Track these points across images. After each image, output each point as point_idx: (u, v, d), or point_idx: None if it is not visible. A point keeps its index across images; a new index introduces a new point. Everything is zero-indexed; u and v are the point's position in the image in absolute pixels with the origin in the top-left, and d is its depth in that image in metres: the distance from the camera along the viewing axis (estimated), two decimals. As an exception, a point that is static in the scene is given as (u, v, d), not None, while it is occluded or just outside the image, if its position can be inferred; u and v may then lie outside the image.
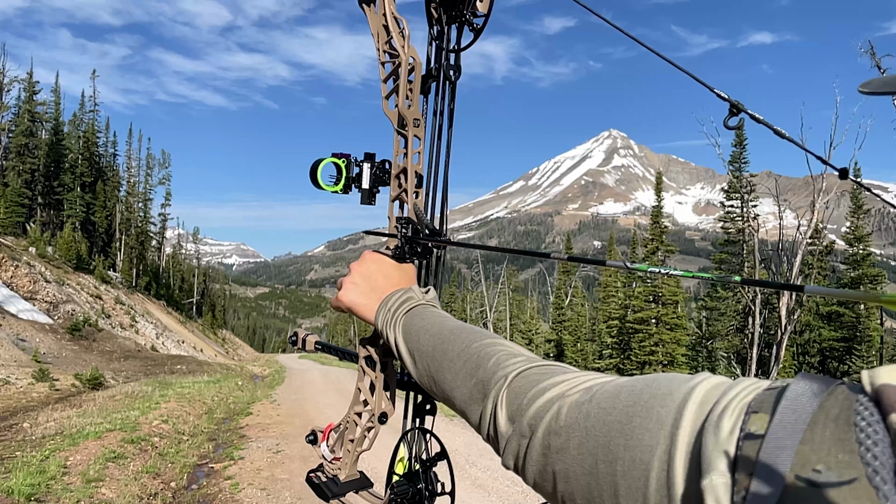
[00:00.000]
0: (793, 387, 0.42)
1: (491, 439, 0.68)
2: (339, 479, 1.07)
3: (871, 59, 18.13)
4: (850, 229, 30.12)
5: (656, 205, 32.10)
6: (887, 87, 0.50)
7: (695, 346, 32.24)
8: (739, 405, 0.43)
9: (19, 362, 17.24)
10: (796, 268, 20.92)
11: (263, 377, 26.50)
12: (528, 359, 0.70)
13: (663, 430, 0.46)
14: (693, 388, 0.48)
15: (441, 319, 0.86)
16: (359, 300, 0.96)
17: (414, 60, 1.06)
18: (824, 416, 0.39)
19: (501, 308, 45.27)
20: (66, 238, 41.46)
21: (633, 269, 0.82)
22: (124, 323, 35.26)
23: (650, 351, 29.83)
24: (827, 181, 21.02)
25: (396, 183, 1.09)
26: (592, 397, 0.54)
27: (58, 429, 8.88)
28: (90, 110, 55.64)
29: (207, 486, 7.30)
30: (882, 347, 28.84)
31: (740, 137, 29.28)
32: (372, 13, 1.10)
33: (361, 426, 1.06)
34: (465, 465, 8.21)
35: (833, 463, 0.36)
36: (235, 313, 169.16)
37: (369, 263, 1.00)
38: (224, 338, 73.91)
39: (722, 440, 0.41)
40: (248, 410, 13.67)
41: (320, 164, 1.09)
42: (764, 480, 0.38)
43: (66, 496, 5.83)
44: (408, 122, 1.07)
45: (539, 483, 0.58)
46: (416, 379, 0.86)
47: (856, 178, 4.01)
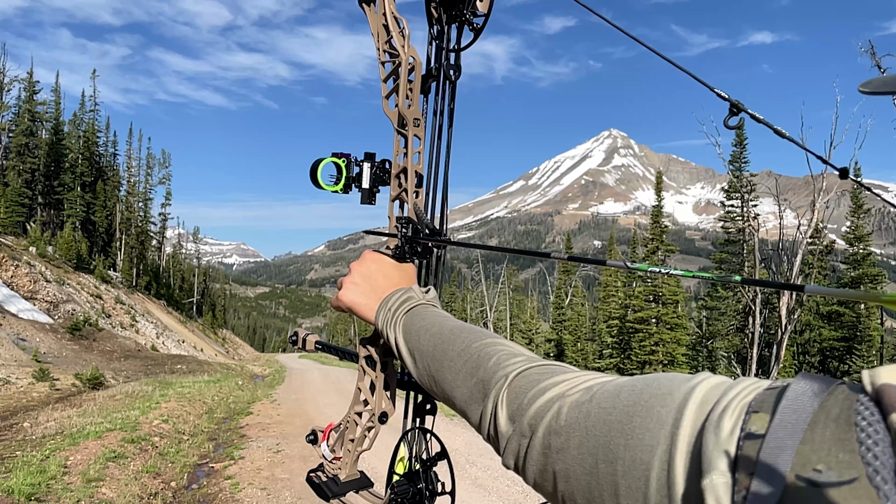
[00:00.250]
0: (793, 386, 0.42)
1: (491, 439, 0.67)
2: (339, 478, 1.07)
3: (872, 58, 18.12)
4: (851, 229, 30.11)
5: (656, 204, 32.07)
6: (887, 86, 0.49)
7: (695, 345, 32.23)
8: (740, 405, 0.43)
9: (20, 362, 17.24)
10: (796, 267, 20.91)
11: (264, 377, 26.51)
12: (529, 358, 0.70)
13: (664, 429, 0.46)
14: (693, 388, 0.48)
15: (441, 319, 0.86)
16: (359, 300, 0.96)
17: (414, 60, 1.06)
18: (825, 415, 0.39)
19: (501, 308, 45.26)
20: (67, 238, 41.46)
21: (633, 268, 0.82)
22: (124, 322, 35.28)
23: (650, 350, 29.82)
24: (827, 181, 21.01)
25: (396, 182, 1.09)
26: (593, 397, 0.54)
27: (58, 428, 8.88)
28: (90, 110, 55.70)
29: (208, 485, 7.30)
30: (882, 347, 28.83)
31: (740, 137, 29.26)
32: (372, 13, 1.10)
33: (362, 426, 1.06)
34: (465, 465, 8.22)
35: (834, 463, 0.36)
36: (236, 313, 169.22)
37: (369, 263, 1.00)
38: (224, 337, 73.92)
39: (722, 440, 0.41)
40: (249, 410, 13.67)
41: (320, 164, 1.09)
42: (764, 480, 0.38)
43: (66, 496, 5.83)
44: (408, 122, 1.07)
45: (539, 483, 0.58)
46: (416, 378, 0.86)
47: (856, 177, 3.98)
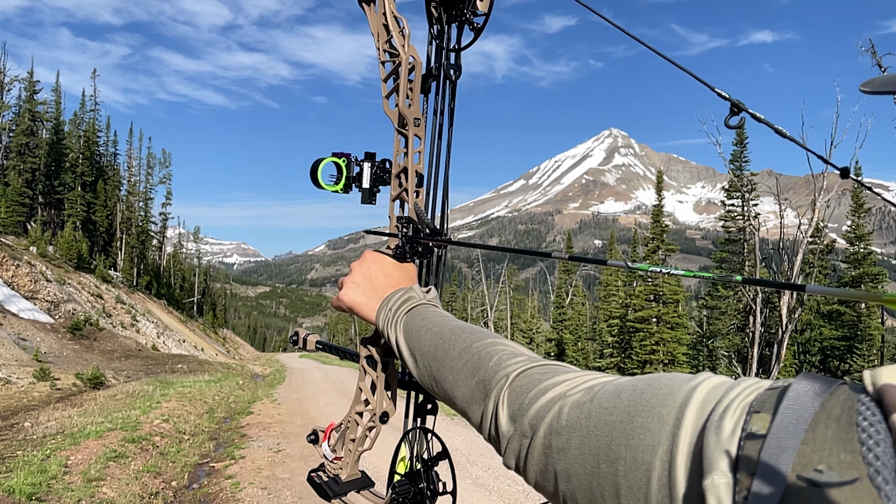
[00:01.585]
0: (794, 387, 0.42)
1: (492, 439, 0.67)
2: (340, 478, 1.07)
3: (872, 57, 18.10)
4: (851, 228, 30.10)
5: (657, 203, 32.05)
6: (888, 86, 0.50)
7: (696, 345, 32.23)
8: (741, 405, 0.43)
9: (20, 362, 17.25)
10: (797, 267, 20.90)
11: (264, 376, 26.52)
12: (530, 358, 0.70)
13: (665, 429, 0.46)
14: (694, 388, 0.48)
15: (442, 319, 0.86)
16: (360, 300, 0.96)
17: (414, 59, 1.06)
18: (826, 416, 0.39)
19: (502, 307, 45.24)
20: (67, 237, 41.46)
21: (634, 268, 0.82)
22: (125, 322, 35.29)
23: (651, 350, 29.80)
24: (828, 180, 21.00)
25: (397, 182, 1.09)
26: (594, 397, 0.54)
27: (59, 428, 8.89)
28: (91, 109, 55.64)
29: (208, 485, 7.31)
30: (883, 346, 28.82)
31: (741, 136, 29.25)
32: (372, 12, 1.09)
33: (363, 426, 1.06)
34: (465, 464, 8.22)
35: (835, 463, 0.36)
36: (236, 312, 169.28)
37: (370, 263, 1.00)
38: (225, 337, 73.94)
39: (724, 440, 0.41)
40: (249, 410, 13.68)
41: (321, 164, 1.09)
42: (765, 480, 0.38)
43: (67, 495, 5.84)
44: (408, 122, 1.06)
45: (540, 483, 0.58)
46: (417, 378, 0.86)
47: (856, 176, 3.97)
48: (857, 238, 29.82)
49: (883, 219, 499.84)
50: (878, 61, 18.08)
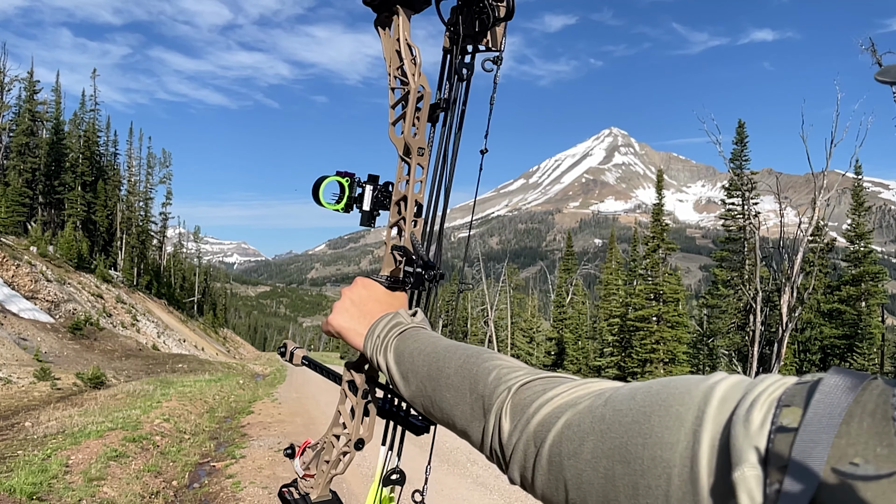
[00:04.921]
0: (826, 381, 0.42)
1: (495, 454, 0.66)
2: (310, 498, 1.07)
3: (872, 56, 18.12)
4: (851, 226, 30.09)
5: (657, 202, 32.04)
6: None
7: (696, 343, 32.22)
8: (769, 399, 0.43)
9: (21, 361, 17.27)
10: (797, 265, 20.91)
11: (264, 376, 26.55)
12: (529, 371, 0.69)
13: (684, 427, 0.46)
14: (714, 386, 0.48)
15: (435, 339, 0.85)
16: (348, 325, 0.96)
17: (423, 90, 1.06)
18: (860, 410, 0.39)
19: (502, 306, 45.23)
20: (67, 237, 41.48)
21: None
22: (125, 322, 35.31)
23: (651, 349, 29.81)
24: (828, 178, 21.00)
25: (396, 209, 1.09)
26: (607, 401, 0.54)
27: (59, 428, 8.90)
28: (91, 109, 55.56)
29: (209, 484, 7.31)
30: (883, 345, 28.81)
31: (741, 135, 29.28)
32: (386, 36, 1.09)
33: (338, 449, 1.06)
34: (466, 464, 8.21)
35: (871, 456, 0.36)
36: (236, 312, 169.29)
37: (360, 289, 1.00)
38: (225, 336, 73.99)
39: (752, 433, 0.41)
40: (250, 409, 13.69)
41: (324, 182, 1.09)
42: (798, 473, 0.37)
43: (67, 495, 5.84)
44: (412, 151, 1.06)
45: (548, 495, 0.57)
46: (409, 401, 0.85)
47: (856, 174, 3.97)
48: (858, 236, 29.80)
49: (883, 217, 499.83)
50: (878, 60, 18.09)
